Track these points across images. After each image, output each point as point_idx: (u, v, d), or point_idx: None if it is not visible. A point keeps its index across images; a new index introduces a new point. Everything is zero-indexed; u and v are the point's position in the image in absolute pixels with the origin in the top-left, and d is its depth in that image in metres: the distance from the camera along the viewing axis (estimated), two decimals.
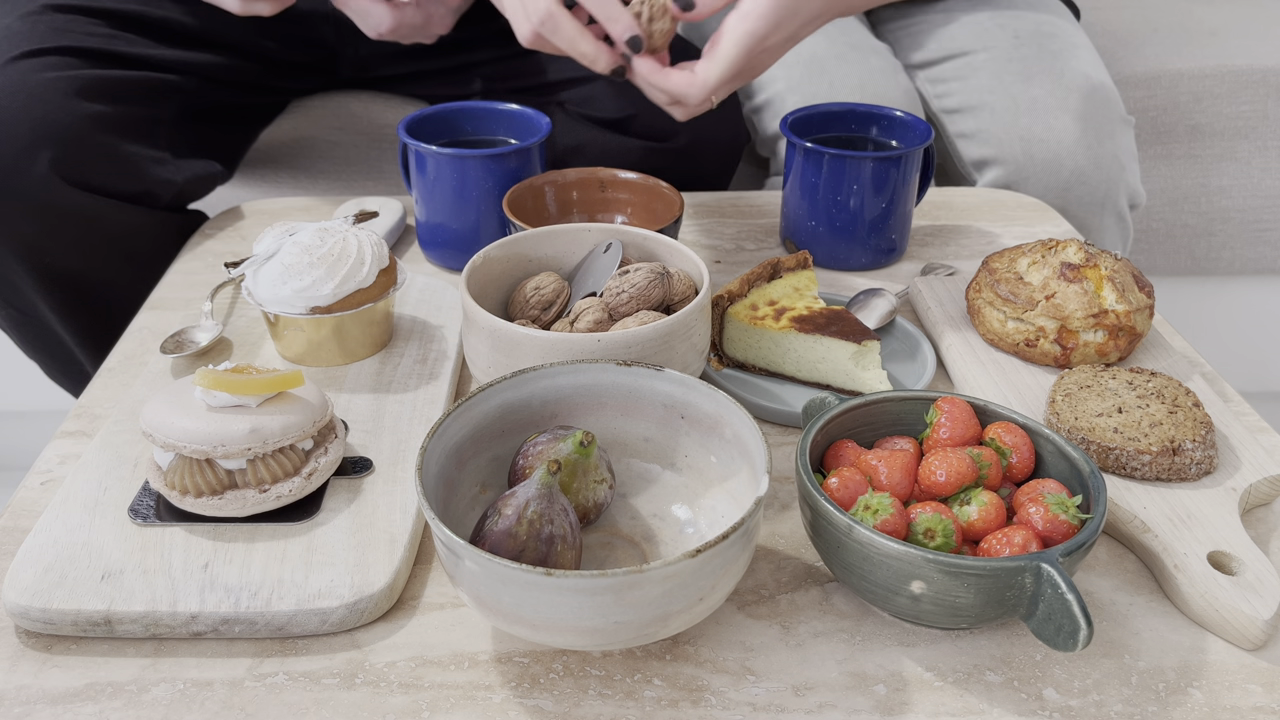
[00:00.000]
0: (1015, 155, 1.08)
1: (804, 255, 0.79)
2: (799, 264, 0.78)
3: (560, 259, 0.73)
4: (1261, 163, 1.43)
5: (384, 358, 0.74)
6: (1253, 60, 1.39)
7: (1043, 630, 0.49)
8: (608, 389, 0.59)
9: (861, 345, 0.70)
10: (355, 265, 0.71)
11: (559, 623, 0.47)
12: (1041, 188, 1.07)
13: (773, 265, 0.77)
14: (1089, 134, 1.07)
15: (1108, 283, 0.72)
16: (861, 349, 0.71)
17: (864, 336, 0.71)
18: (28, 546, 0.56)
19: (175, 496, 0.57)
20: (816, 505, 0.52)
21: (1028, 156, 1.07)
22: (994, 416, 0.58)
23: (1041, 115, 1.08)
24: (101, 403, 0.72)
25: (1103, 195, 1.08)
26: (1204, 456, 0.62)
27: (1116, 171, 1.08)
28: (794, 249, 0.89)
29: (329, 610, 0.53)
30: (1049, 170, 1.07)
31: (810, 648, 0.54)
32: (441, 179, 0.84)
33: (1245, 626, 0.53)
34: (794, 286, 0.76)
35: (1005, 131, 1.09)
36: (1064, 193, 1.07)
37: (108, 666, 0.52)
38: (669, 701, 0.50)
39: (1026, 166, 1.07)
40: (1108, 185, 1.08)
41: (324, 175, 1.26)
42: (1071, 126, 1.07)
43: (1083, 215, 1.09)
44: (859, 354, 0.71)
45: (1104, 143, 1.08)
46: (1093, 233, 1.10)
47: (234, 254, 0.91)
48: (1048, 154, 1.07)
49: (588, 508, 0.57)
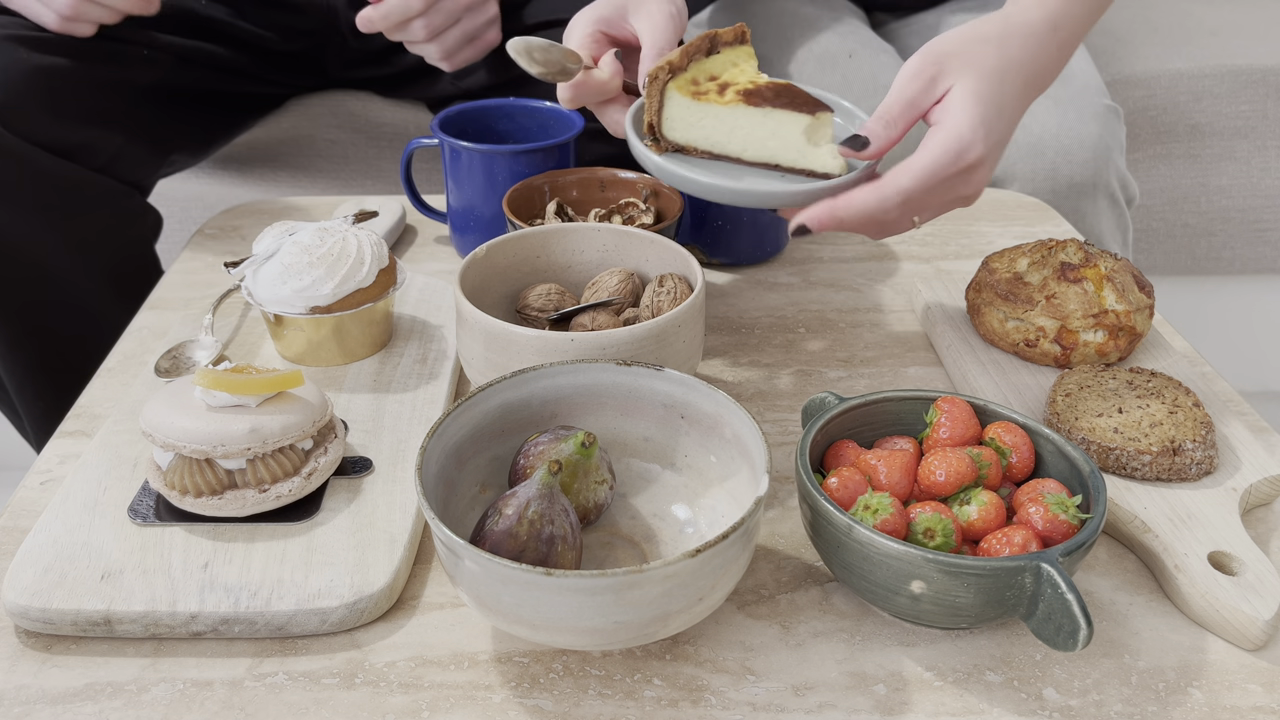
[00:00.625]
0: None
1: (740, 28, 0.73)
2: (736, 38, 0.72)
3: (560, 259, 0.73)
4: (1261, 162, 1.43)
5: (384, 358, 0.74)
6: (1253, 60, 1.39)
7: (1043, 630, 0.49)
8: (608, 389, 0.59)
9: (815, 117, 0.64)
10: (355, 265, 0.71)
11: (559, 623, 0.47)
12: (1029, 173, 1.07)
13: (710, 38, 0.71)
14: (1069, 116, 1.08)
15: (1107, 283, 0.72)
16: (815, 121, 0.64)
17: (816, 108, 0.65)
18: (27, 546, 0.56)
19: (175, 496, 0.57)
20: (816, 505, 0.52)
21: (1013, 144, 1.07)
22: (994, 416, 0.58)
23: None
24: (101, 403, 0.72)
25: (1092, 175, 1.08)
26: (1204, 456, 0.62)
27: (1103, 152, 1.08)
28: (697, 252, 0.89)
29: (329, 610, 0.53)
30: (1034, 154, 1.07)
31: (810, 647, 0.54)
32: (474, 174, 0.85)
33: (1245, 626, 0.53)
34: (732, 61, 0.70)
35: None
36: (1052, 175, 1.07)
37: (107, 666, 0.52)
38: (669, 701, 0.50)
39: (1012, 153, 1.07)
40: (1095, 165, 1.08)
41: (323, 175, 1.26)
42: (1052, 110, 1.08)
43: (1075, 200, 1.08)
44: (812, 127, 0.65)
45: (1087, 124, 1.08)
46: (1088, 219, 1.10)
47: (234, 254, 0.91)
48: (1030, 139, 1.07)
49: (588, 508, 0.57)
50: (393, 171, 1.26)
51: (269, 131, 1.23)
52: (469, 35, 0.99)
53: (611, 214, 0.82)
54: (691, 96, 0.67)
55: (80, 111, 0.93)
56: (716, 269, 0.91)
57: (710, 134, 0.68)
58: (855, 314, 0.84)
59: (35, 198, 0.92)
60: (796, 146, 0.66)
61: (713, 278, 0.89)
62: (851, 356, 0.78)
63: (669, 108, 0.68)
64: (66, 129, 0.92)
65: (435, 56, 0.99)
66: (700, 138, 0.69)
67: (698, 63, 0.69)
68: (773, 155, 0.67)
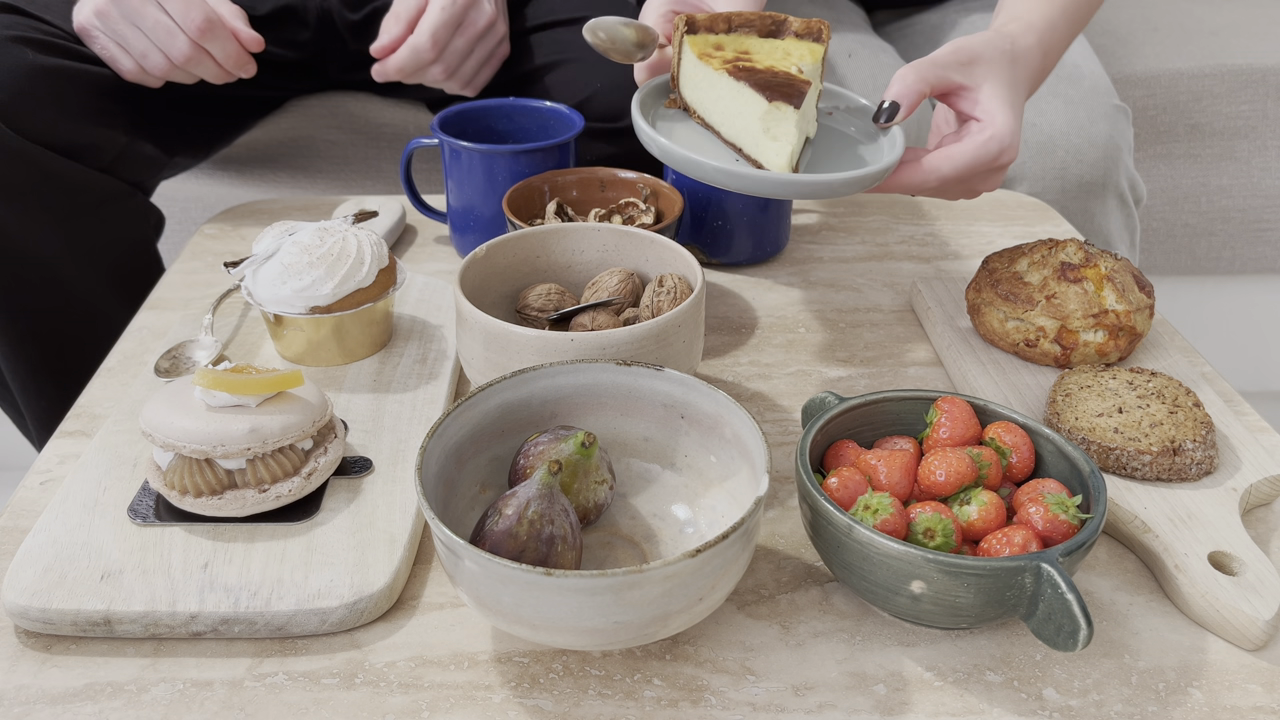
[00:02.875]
0: None
1: (817, 24, 0.68)
2: (809, 32, 0.67)
3: (560, 259, 0.73)
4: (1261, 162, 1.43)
5: (384, 358, 0.74)
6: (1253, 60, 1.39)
7: (1043, 630, 0.49)
8: (608, 389, 0.59)
9: (771, 104, 0.60)
10: (355, 265, 0.71)
11: (559, 623, 0.47)
12: (1039, 172, 1.07)
13: (777, 21, 0.67)
14: (1080, 116, 1.07)
15: (1107, 282, 0.72)
16: (771, 109, 0.60)
17: (779, 97, 0.60)
18: (27, 546, 0.56)
19: (175, 496, 0.57)
20: (816, 505, 0.52)
21: (1022, 143, 1.07)
22: (994, 416, 0.58)
23: (1034, 103, 1.08)
24: (101, 403, 0.72)
25: (1102, 175, 1.08)
26: (1204, 456, 0.62)
27: (1113, 151, 1.08)
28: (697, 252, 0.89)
29: (329, 610, 0.53)
30: (1043, 153, 1.07)
31: (810, 648, 0.53)
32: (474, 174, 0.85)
33: (1246, 627, 0.53)
34: (786, 51, 0.66)
35: None
36: (1062, 174, 1.07)
37: (107, 666, 0.52)
38: (669, 701, 0.50)
39: (1021, 153, 1.07)
40: (1106, 164, 1.08)
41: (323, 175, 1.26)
42: (1062, 110, 1.08)
43: (1085, 200, 1.08)
44: (768, 115, 0.61)
45: (1096, 123, 1.08)
46: (1096, 219, 1.10)
47: (234, 254, 0.91)
48: (1040, 138, 1.07)
49: (588, 508, 0.57)
50: (393, 171, 1.26)
51: (269, 132, 1.23)
52: (483, 61, 0.99)
53: (611, 214, 0.82)
54: (699, 55, 0.66)
55: (85, 112, 0.93)
56: (716, 269, 0.91)
57: (703, 98, 0.67)
58: (855, 314, 0.84)
59: (40, 197, 0.92)
60: (751, 132, 0.64)
61: (713, 278, 0.89)
62: (851, 356, 0.78)
63: (683, 63, 0.68)
64: (71, 129, 0.92)
65: (456, 88, 1.00)
66: (697, 100, 0.68)
67: (740, 35, 0.68)
68: (736, 135, 0.66)
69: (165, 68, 0.92)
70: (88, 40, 0.92)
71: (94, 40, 0.92)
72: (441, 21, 0.92)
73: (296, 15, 1.09)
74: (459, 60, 0.96)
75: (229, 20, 0.92)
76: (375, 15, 1.07)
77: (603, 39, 0.70)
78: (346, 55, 1.14)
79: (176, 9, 0.89)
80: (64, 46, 0.93)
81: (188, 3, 0.89)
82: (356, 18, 1.10)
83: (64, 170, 0.93)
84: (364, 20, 1.09)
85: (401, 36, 0.94)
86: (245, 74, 0.95)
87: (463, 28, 0.95)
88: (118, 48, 0.91)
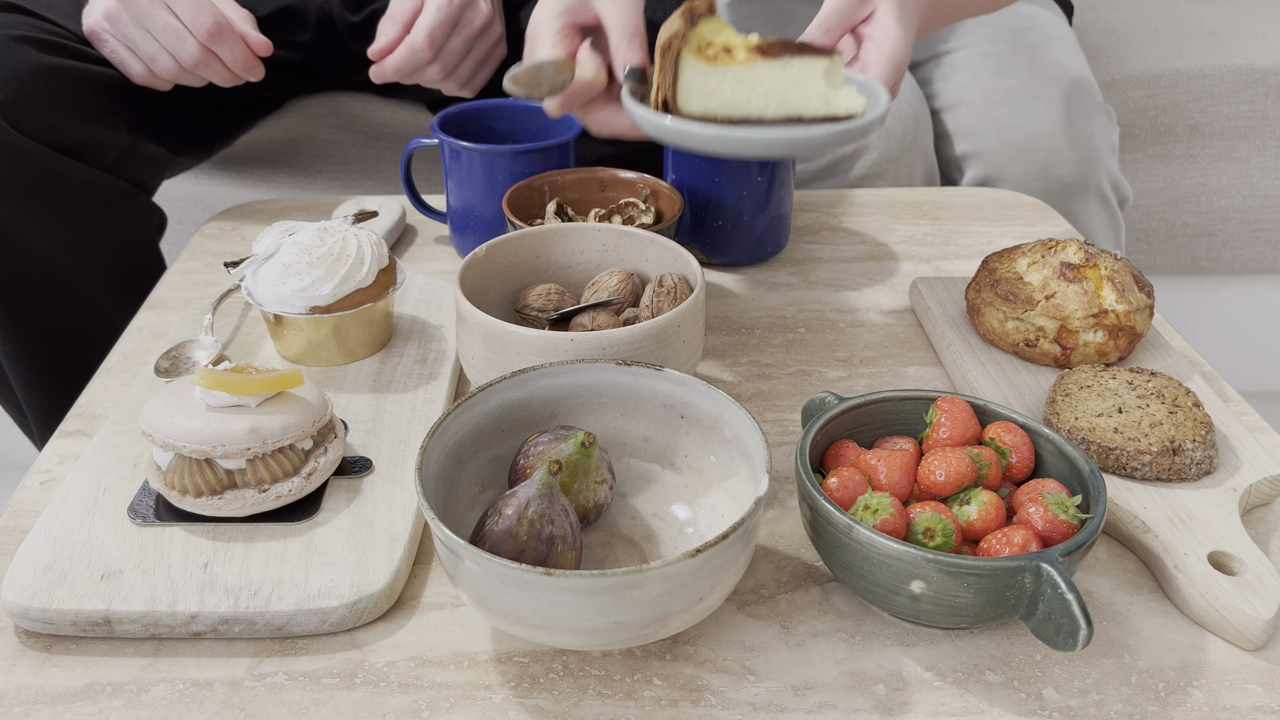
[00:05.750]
0: (993, 146, 1.08)
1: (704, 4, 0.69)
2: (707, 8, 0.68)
3: (560, 259, 0.73)
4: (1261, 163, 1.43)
5: (384, 358, 0.74)
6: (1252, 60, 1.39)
7: (1043, 630, 0.49)
8: (608, 389, 0.59)
9: (831, 59, 0.63)
10: (355, 265, 0.71)
11: (559, 623, 0.47)
12: (1021, 172, 1.07)
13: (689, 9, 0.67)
14: (1062, 116, 1.08)
15: (1107, 283, 0.72)
16: (833, 62, 0.64)
17: (827, 51, 0.64)
18: (27, 546, 0.56)
19: (175, 496, 0.57)
20: (816, 505, 0.52)
21: (1004, 145, 1.07)
22: (994, 416, 0.58)
23: (1016, 104, 1.09)
24: (101, 402, 0.72)
25: (1083, 175, 1.08)
26: (1204, 456, 0.62)
27: (1094, 152, 1.08)
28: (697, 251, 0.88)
29: (329, 610, 0.53)
30: (1025, 154, 1.07)
31: (810, 647, 0.54)
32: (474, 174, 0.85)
33: (1246, 626, 0.53)
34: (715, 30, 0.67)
35: (982, 124, 1.09)
36: (1044, 174, 1.07)
37: (107, 666, 0.52)
38: (669, 701, 0.50)
39: (1003, 154, 1.07)
40: (1086, 165, 1.08)
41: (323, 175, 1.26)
42: (1044, 110, 1.08)
43: (1065, 200, 1.08)
44: (830, 69, 0.64)
45: (1078, 124, 1.08)
46: (1078, 219, 1.10)
47: (233, 254, 0.91)
48: (1022, 139, 1.07)
49: (588, 508, 0.57)
50: (393, 171, 1.26)
51: (269, 132, 1.23)
52: (480, 61, 0.99)
53: (611, 214, 0.82)
54: (708, 62, 0.64)
55: (88, 111, 0.93)
56: (716, 269, 0.91)
57: (730, 98, 0.65)
58: (855, 314, 0.84)
59: (43, 197, 0.92)
60: (819, 93, 0.64)
61: (713, 278, 0.90)
62: (851, 356, 0.78)
63: (686, 77, 0.65)
64: (74, 129, 0.92)
65: (453, 89, 0.99)
66: (720, 104, 0.66)
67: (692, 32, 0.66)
68: (795, 108, 0.65)
69: (174, 71, 0.92)
70: (97, 44, 0.93)
71: (103, 44, 0.92)
72: (437, 21, 0.92)
73: (297, 16, 1.09)
74: (456, 60, 0.96)
75: (238, 24, 0.92)
76: (375, 17, 1.07)
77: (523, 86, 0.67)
78: (347, 56, 1.14)
79: (186, 12, 0.89)
80: (67, 46, 0.93)
81: (197, 6, 0.89)
82: (357, 19, 1.10)
83: (67, 170, 0.93)
84: (364, 22, 1.09)
85: (398, 38, 0.94)
86: (254, 77, 0.95)
87: (459, 27, 0.95)
88: (127, 51, 0.91)
